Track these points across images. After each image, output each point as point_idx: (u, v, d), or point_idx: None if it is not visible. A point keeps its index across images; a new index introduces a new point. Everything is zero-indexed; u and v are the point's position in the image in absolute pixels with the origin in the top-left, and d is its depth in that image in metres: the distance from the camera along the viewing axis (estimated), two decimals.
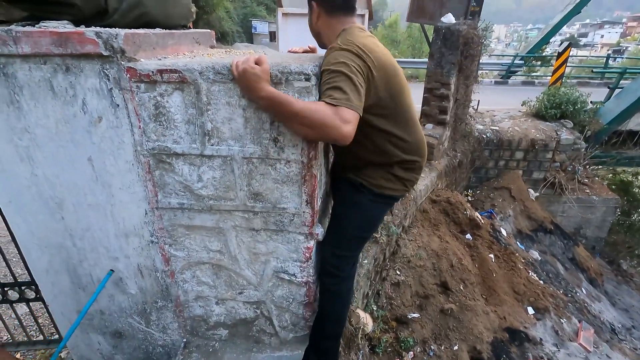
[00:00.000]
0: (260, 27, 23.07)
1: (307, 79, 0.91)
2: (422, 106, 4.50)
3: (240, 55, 1.35)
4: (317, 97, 0.94)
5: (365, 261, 2.66)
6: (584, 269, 5.30)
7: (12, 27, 0.91)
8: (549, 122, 5.59)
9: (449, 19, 4.05)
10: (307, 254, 1.14)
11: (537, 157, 5.42)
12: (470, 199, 5.50)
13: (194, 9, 1.31)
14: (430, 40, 4.67)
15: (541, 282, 4.04)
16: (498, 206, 5.24)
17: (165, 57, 1.06)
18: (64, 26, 0.98)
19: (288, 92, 0.92)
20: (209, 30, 1.41)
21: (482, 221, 4.05)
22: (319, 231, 1.13)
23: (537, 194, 5.54)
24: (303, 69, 0.91)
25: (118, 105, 0.98)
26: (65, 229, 1.17)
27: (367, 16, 2.89)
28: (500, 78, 10.23)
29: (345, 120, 0.85)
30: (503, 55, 12.76)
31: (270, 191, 1.05)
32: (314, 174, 1.00)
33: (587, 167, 5.76)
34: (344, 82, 0.89)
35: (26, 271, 1.69)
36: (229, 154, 1.01)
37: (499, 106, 6.89)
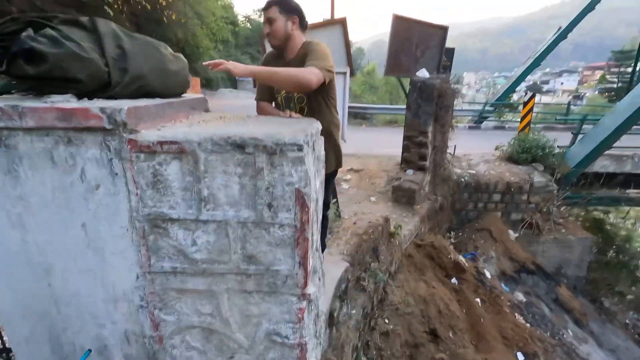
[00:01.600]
0: None
1: (300, 149, 0.98)
2: (403, 153, 4.71)
3: (231, 115, 1.44)
4: (309, 166, 1.01)
5: (354, 311, 2.62)
6: (569, 310, 5.35)
7: (19, 102, 0.96)
8: (521, 165, 5.91)
9: (423, 73, 4.38)
10: (299, 315, 1.15)
11: (514, 199, 5.65)
12: (453, 241, 5.59)
13: (190, 78, 1.40)
14: (407, 91, 4.99)
15: (528, 325, 4.05)
16: (480, 248, 5.34)
17: (164, 126, 1.12)
18: (68, 100, 1.03)
19: (282, 162, 0.99)
20: (203, 96, 1.49)
21: (467, 265, 4.10)
22: (312, 291, 1.15)
23: (517, 234, 5.70)
24: (296, 140, 0.98)
25: (117, 173, 1.01)
26: (51, 296, 1.14)
27: (348, 73, 3.13)
28: (474, 123, 10.86)
29: (313, 73, 1.53)
30: (474, 102, 13.64)
31: (264, 254, 1.07)
32: (306, 237, 1.04)
33: (561, 207, 6.02)
34: (322, 61, 1.61)
35: None
36: (224, 219, 1.04)
37: (474, 150, 7.25)
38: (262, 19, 2.01)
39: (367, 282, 2.90)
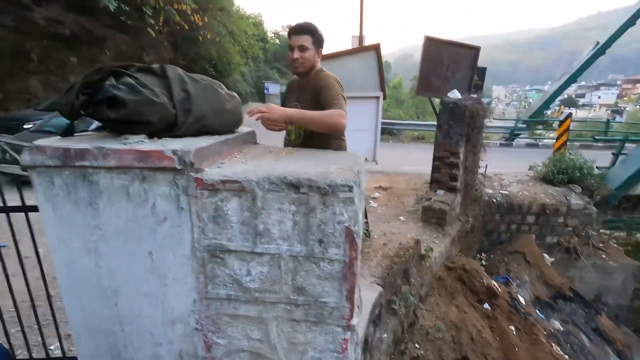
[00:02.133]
0: (272, 88, 24.60)
1: (350, 190, 1.05)
2: (433, 173, 4.68)
3: (278, 149, 1.54)
4: (358, 205, 1.08)
5: (385, 335, 2.62)
6: (610, 340, 5.05)
7: (103, 144, 1.09)
8: (557, 186, 5.71)
9: (455, 94, 4.38)
10: (344, 345, 1.19)
11: (549, 221, 5.45)
12: (484, 263, 5.44)
13: (243, 115, 1.52)
14: (438, 110, 4.99)
15: (566, 356, 3.87)
16: (513, 271, 5.17)
17: (222, 163, 1.22)
18: (142, 140, 1.16)
19: (334, 202, 1.06)
20: (252, 129, 1.61)
21: (500, 289, 3.99)
22: (356, 322, 1.20)
23: (553, 258, 5.48)
24: (347, 182, 1.05)
25: (183, 208, 1.12)
26: (116, 316, 1.25)
27: (381, 97, 3.21)
28: (505, 140, 10.59)
29: (343, 117, 1.63)
30: (505, 119, 13.31)
31: (312, 286, 1.14)
32: (354, 272, 1.10)
33: (600, 231, 5.75)
34: (341, 99, 1.70)
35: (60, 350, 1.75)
36: (277, 252, 1.12)
37: (506, 169, 7.08)
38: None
39: (399, 305, 2.90)
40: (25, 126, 7.40)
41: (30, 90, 10.78)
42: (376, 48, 3.11)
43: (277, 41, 31.70)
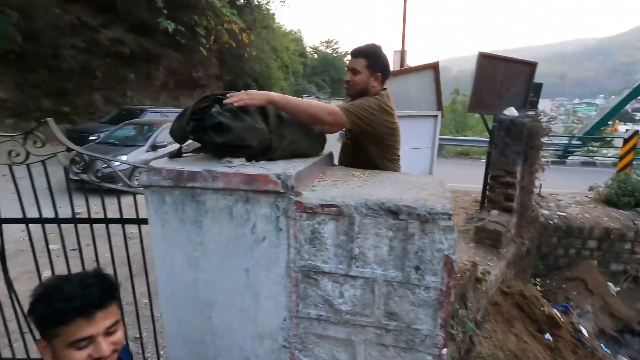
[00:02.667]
0: None
1: (450, 218, 1.06)
2: (487, 192, 4.52)
3: (359, 172, 1.57)
4: (456, 234, 1.08)
5: None
6: None
7: (213, 168, 1.17)
8: (622, 210, 5.30)
9: (511, 112, 4.24)
10: None
11: (614, 247, 5.06)
12: (539, 289, 5.12)
13: (326, 139, 1.57)
14: (490, 127, 4.85)
15: None
16: (573, 300, 4.82)
17: (314, 186, 1.27)
18: (243, 163, 1.23)
19: (434, 229, 1.06)
20: (331, 152, 1.66)
21: (562, 319, 3.73)
22: (445, 351, 1.18)
23: (618, 288, 5.05)
24: (446, 210, 1.06)
25: (281, 229, 1.17)
26: (209, 327, 1.32)
27: (439, 116, 3.18)
28: (557, 158, 10.01)
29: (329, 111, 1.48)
30: (557, 135, 12.58)
31: (405, 312, 1.14)
32: (450, 300, 1.09)
33: None
34: (352, 107, 1.57)
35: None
36: (372, 277, 1.14)
37: (561, 189, 6.70)
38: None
39: (456, 330, 2.80)
40: (90, 138, 8.06)
41: (93, 104, 11.76)
42: (434, 67, 3.11)
43: (315, 56, 32.43)
